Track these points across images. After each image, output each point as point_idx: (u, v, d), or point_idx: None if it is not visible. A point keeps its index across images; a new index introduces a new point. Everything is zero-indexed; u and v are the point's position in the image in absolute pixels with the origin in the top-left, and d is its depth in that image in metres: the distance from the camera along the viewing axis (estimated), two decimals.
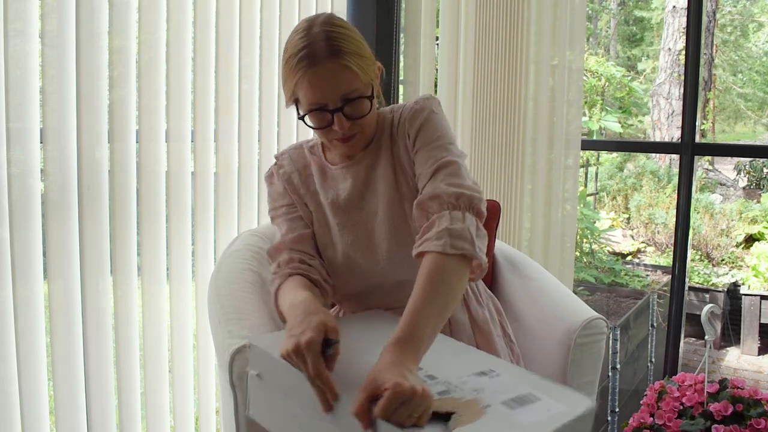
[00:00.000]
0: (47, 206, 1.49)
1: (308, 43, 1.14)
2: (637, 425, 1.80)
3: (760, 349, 4.54)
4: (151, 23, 1.64)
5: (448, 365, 1.03)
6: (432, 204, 1.14)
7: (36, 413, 1.50)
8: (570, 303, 1.43)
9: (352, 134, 1.21)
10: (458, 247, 1.07)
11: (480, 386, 0.96)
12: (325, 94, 1.15)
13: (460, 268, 1.08)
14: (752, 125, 10.79)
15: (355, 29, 1.21)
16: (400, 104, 1.34)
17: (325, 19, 1.17)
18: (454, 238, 1.07)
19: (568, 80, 2.32)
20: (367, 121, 1.22)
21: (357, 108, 1.18)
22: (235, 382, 1.16)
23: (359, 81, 1.16)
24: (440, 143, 1.22)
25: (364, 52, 1.19)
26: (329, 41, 1.13)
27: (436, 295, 1.03)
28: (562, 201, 2.38)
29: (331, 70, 1.13)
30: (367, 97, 1.18)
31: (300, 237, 1.29)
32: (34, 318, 1.48)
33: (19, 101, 1.43)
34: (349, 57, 1.14)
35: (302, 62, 1.13)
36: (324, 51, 1.13)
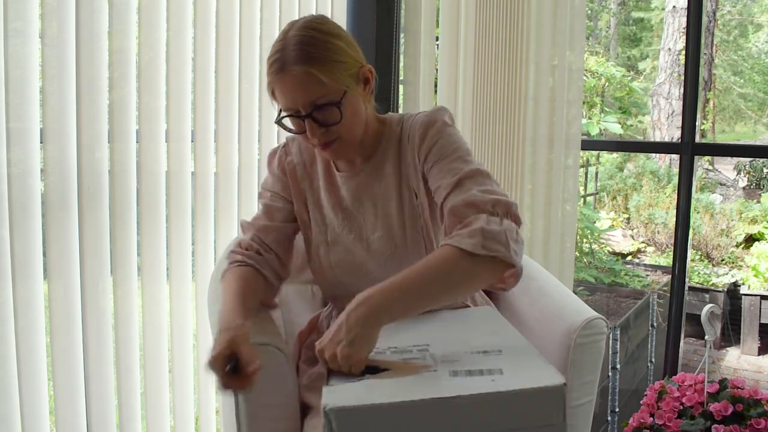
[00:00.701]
0: (47, 206, 1.49)
1: (281, 47, 1.14)
2: (637, 425, 1.80)
3: (760, 349, 4.54)
4: (151, 24, 1.64)
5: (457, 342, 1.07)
6: (467, 210, 1.10)
7: (36, 413, 1.50)
8: (570, 303, 1.43)
9: (329, 140, 1.18)
10: (491, 249, 1.03)
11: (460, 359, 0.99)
12: (294, 101, 1.14)
13: (483, 271, 1.05)
14: (752, 125, 10.80)
15: (337, 32, 1.18)
16: (410, 114, 1.31)
17: (303, 23, 1.16)
18: (487, 239, 1.03)
19: (568, 80, 2.32)
20: (346, 126, 1.18)
21: (327, 115, 1.15)
22: None
23: (327, 88, 1.13)
24: (458, 155, 1.19)
25: (340, 56, 1.15)
26: (299, 47, 1.12)
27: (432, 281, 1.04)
28: (562, 201, 2.38)
29: (296, 76, 1.12)
30: (336, 104, 1.14)
31: (268, 228, 1.31)
32: (34, 318, 1.48)
33: (19, 101, 1.43)
34: (316, 63, 1.12)
35: (273, 67, 1.14)
36: (292, 57, 1.12)
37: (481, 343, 1.07)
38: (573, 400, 1.36)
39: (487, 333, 1.14)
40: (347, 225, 1.28)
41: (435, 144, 1.21)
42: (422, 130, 1.23)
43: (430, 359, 0.99)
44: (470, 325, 1.21)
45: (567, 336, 1.35)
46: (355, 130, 1.21)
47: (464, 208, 1.10)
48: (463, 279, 1.05)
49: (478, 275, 1.06)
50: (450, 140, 1.22)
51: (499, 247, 1.03)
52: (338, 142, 1.19)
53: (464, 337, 1.11)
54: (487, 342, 1.08)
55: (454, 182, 1.15)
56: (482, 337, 1.11)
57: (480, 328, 1.17)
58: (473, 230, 1.04)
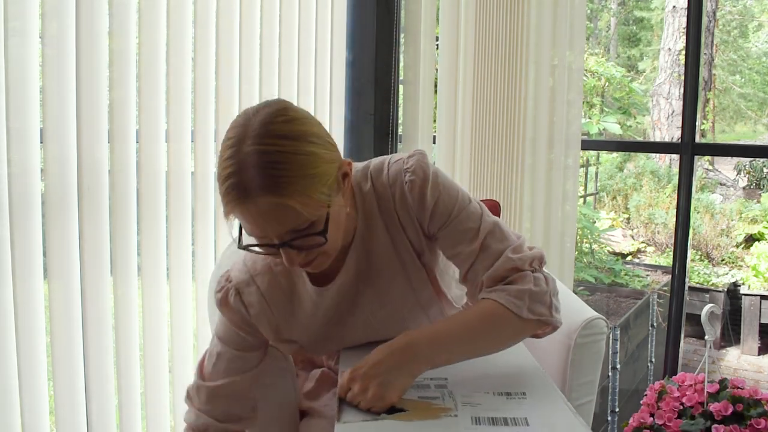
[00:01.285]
0: (47, 206, 1.49)
1: (237, 169, 0.89)
2: (637, 425, 1.80)
3: (760, 349, 4.54)
4: (151, 24, 1.64)
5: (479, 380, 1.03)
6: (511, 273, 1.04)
7: (36, 413, 1.50)
8: (570, 303, 1.43)
9: (311, 259, 1.00)
10: (536, 312, 1.02)
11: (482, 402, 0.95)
12: (264, 231, 0.93)
13: (527, 331, 1.04)
14: (752, 125, 10.79)
15: (305, 130, 0.94)
16: (375, 166, 1.11)
17: (260, 129, 0.90)
18: (534, 302, 1.01)
19: (568, 80, 2.32)
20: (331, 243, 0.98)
21: (308, 241, 0.95)
22: None
23: (305, 216, 0.92)
24: (465, 212, 1.07)
25: (316, 168, 0.92)
26: (262, 170, 0.88)
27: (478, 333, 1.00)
28: (562, 201, 2.38)
29: (266, 210, 0.90)
30: (320, 231, 0.94)
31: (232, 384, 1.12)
32: (34, 318, 1.48)
33: (19, 101, 1.43)
34: (288, 191, 0.89)
35: (231, 193, 0.90)
36: (257, 185, 0.88)
37: (502, 379, 1.04)
38: (573, 400, 1.36)
39: (509, 365, 1.10)
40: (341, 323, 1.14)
41: (436, 205, 1.06)
42: (410, 186, 1.06)
43: (449, 399, 0.95)
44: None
45: (567, 336, 1.35)
46: (339, 241, 1.03)
47: (507, 273, 1.04)
48: (507, 336, 1.03)
49: (522, 334, 1.05)
50: (449, 196, 1.07)
51: (544, 311, 1.02)
52: (320, 257, 1.00)
53: (485, 371, 1.06)
54: (510, 379, 1.04)
55: (478, 248, 1.05)
56: (504, 371, 1.07)
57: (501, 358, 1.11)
58: (521, 291, 1.01)
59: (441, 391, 0.98)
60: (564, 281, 2.37)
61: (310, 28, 2.09)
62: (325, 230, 0.95)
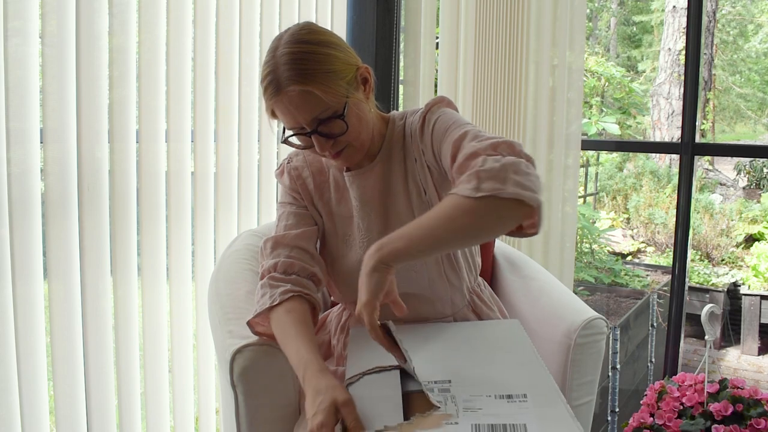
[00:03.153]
0: (47, 206, 1.49)
1: (272, 68, 1.11)
2: (637, 425, 1.80)
3: (760, 349, 4.54)
4: (151, 23, 1.64)
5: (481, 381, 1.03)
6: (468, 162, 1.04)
7: (36, 413, 1.50)
8: (570, 303, 1.43)
9: (339, 150, 1.17)
10: (485, 189, 0.97)
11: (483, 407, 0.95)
12: (296, 119, 1.12)
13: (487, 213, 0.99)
14: (752, 125, 10.79)
15: (327, 39, 1.15)
16: (413, 110, 1.30)
17: (290, 38, 1.12)
18: (482, 180, 0.98)
19: (568, 80, 2.32)
20: (353, 134, 1.16)
21: (332, 127, 1.13)
22: (236, 381, 1.16)
23: (327, 102, 1.11)
24: (458, 127, 1.14)
25: (334, 65, 1.12)
26: (291, 65, 1.09)
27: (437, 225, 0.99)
28: (562, 201, 2.38)
29: (294, 97, 1.10)
30: (340, 116, 1.12)
31: (307, 234, 1.26)
32: (34, 318, 1.48)
33: (19, 101, 1.43)
34: (311, 80, 1.09)
35: (268, 90, 1.12)
36: (286, 77, 1.09)
37: (505, 380, 1.04)
38: (573, 400, 1.36)
39: (512, 364, 1.10)
40: (358, 228, 1.26)
41: (434, 126, 1.19)
42: (420, 119, 1.22)
43: (451, 404, 0.96)
44: (494, 348, 1.18)
45: (567, 336, 1.35)
46: (363, 135, 1.19)
47: (467, 160, 1.04)
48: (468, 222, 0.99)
49: (483, 216, 0.99)
50: (446, 117, 1.18)
51: (495, 185, 0.97)
52: (348, 149, 1.18)
53: (488, 370, 1.08)
54: (512, 379, 1.04)
55: (455, 147, 1.10)
56: (507, 371, 1.08)
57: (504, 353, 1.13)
58: (469, 175, 1.00)
59: (444, 395, 0.99)
60: (564, 281, 2.37)
61: None
62: (344, 116, 1.12)
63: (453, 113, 1.20)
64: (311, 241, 1.26)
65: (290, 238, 1.24)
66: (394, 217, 1.24)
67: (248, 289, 1.38)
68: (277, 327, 1.16)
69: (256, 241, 1.56)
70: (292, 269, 1.21)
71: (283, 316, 1.16)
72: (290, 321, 1.15)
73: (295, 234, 1.25)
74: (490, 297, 1.43)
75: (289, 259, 1.22)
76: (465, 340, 1.21)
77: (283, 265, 1.22)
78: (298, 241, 1.24)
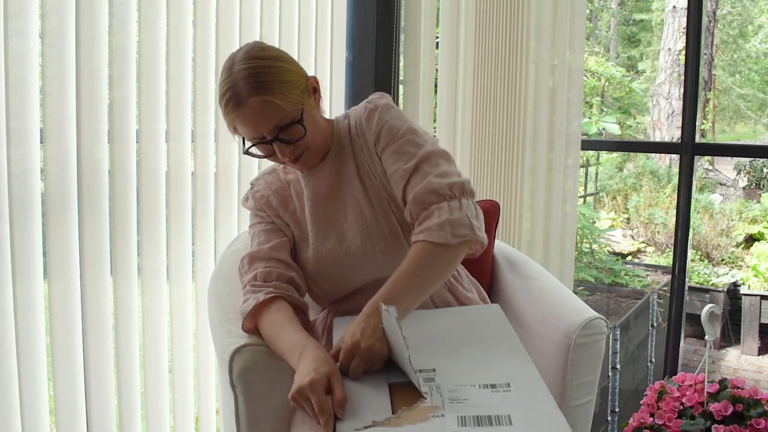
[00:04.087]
0: (47, 206, 1.49)
1: (231, 84, 1.19)
2: (637, 425, 1.80)
3: (760, 349, 4.54)
4: (151, 23, 1.64)
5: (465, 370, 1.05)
6: (430, 197, 1.20)
7: (36, 413, 1.50)
8: (570, 303, 1.43)
9: (299, 154, 1.26)
10: (459, 235, 1.16)
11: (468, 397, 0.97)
12: (258, 129, 1.20)
13: (457, 255, 1.19)
14: (752, 125, 10.78)
15: (278, 54, 1.24)
16: (354, 108, 1.38)
17: (244, 55, 1.21)
18: (454, 227, 1.16)
19: (568, 80, 2.32)
20: (310, 138, 1.25)
21: (292, 133, 1.22)
22: (235, 381, 1.16)
23: (286, 110, 1.20)
24: (409, 137, 1.27)
25: (288, 76, 1.21)
26: (249, 79, 1.18)
27: (419, 277, 1.15)
28: (562, 201, 2.38)
29: (255, 108, 1.18)
30: (298, 121, 1.22)
31: (279, 245, 1.33)
32: (34, 318, 1.48)
33: (19, 101, 1.43)
34: (270, 90, 1.18)
35: (229, 105, 1.19)
36: (245, 91, 1.17)
37: (488, 369, 1.06)
38: (573, 400, 1.36)
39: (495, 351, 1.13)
40: (322, 225, 1.33)
41: (383, 127, 1.29)
42: (367, 114, 1.31)
43: (436, 395, 0.99)
44: (477, 335, 1.20)
45: (567, 336, 1.35)
46: (318, 139, 1.29)
47: (427, 195, 1.20)
48: (443, 267, 1.18)
49: (454, 259, 1.20)
50: (397, 121, 1.29)
51: (466, 231, 1.17)
52: (306, 153, 1.27)
53: (472, 359, 1.10)
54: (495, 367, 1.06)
55: (411, 168, 1.24)
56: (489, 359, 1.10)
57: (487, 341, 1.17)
58: (441, 223, 1.17)
59: (429, 385, 1.01)
60: (564, 281, 2.37)
61: (310, 28, 2.09)
62: (302, 121, 1.22)
63: (405, 118, 1.31)
64: (284, 251, 1.33)
65: (264, 252, 1.31)
66: (351, 203, 1.32)
67: None
68: (268, 325, 1.20)
69: None
70: (270, 277, 1.27)
71: (273, 314, 1.21)
72: (280, 317, 1.20)
73: (268, 247, 1.32)
74: (467, 278, 1.45)
75: (266, 269, 1.28)
76: (447, 328, 1.23)
77: (261, 275, 1.27)
78: (272, 252, 1.31)
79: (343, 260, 1.31)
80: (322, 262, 1.32)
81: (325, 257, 1.31)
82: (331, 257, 1.31)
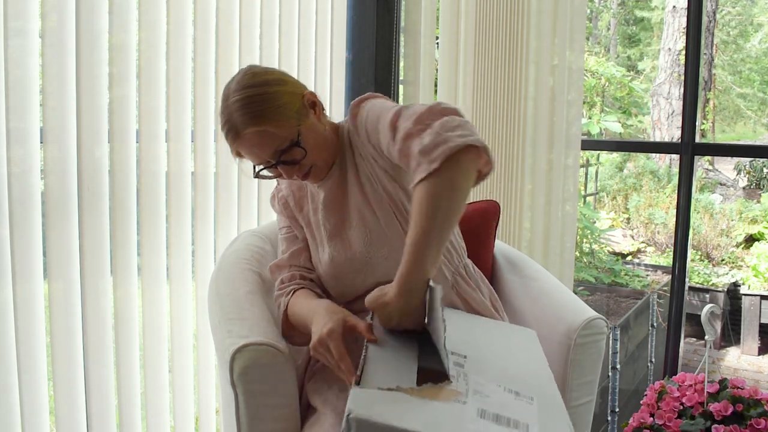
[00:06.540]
0: (47, 206, 1.49)
1: (227, 117, 1.23)
2: (637, 425, 1.80)
3: (760, 349, 4.54)
4: (151, 22, 1.64)
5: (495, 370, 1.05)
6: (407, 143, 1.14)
7: (36, 413, 1.50)
8: (570, 303, 1.43)
9: (306, 171, 1.29)
10: (437, 157, 1.06)
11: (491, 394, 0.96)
12: (260, 156, 1.25)
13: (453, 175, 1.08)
14: (752, 125, 10.78)
15: (270, 77, 1.25)
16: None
17: (237, 84, 1.23)
18: (428, 153, 1.08)
19: (568, 80, 2.32)
20: (314, 155, 1.27)
21: (293, 155, 1.25)
22: (236, 381, 1.16)
23: (282, 135, 1.22)
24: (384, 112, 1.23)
25: (281, 100, 1.22)
26: (242, 110, 1.20)
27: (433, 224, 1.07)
28: (562, 201, 2.38)
29: (252, 137, 1.21)
30: (296, 143, 1.24)
31: (297, 252, 1.39)
32: (34, 318, 1.48)
33: (19, 101, 1.43)
34: (264, 119, 1.20)
35: (229, 136, 1.24)
36: (241, 122, 1.20)
37: (516, 376, 1.06)
38: (573, 400, 1.36)
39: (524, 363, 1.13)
40: (331, 231, 1.35)
41: (366, 121, 1.29)
42: (351, 119, 1.33)
43: (462, 382, 0.98)
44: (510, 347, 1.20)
45: (567, 336, 1.35)
46: (323, 153, 1.30)
47: (405, 143, 1.14)
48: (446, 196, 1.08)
49: (451, 180, 1.08)
50: (374, 109, 1.27)
51: (441, 149, 1.07)
52: (313, 168, 1.29)
53: (502, 361, 1.10)
54: (522, 378, 1.06)
55: (390, 131, 1.19)
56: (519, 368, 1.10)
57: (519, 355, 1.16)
58: (417, 159, 1.09)
59: (457, 369, 1.01)
60: (564, 281, 2.37)
61: (310, 29, 2.09)
62: (300, 143, 1.24)
63: (378, 102, 1.29)
64: (302, 257, 1.39)
65: (285, 260, 1.39)
66: (354, 213, 1.32)
67: (248, 289, 1.38)
68: (292, 309, 1.29)
69: (256, 241, 1.57)
70: (293, 278, 1.36)
71: (295, 300, 1.30)
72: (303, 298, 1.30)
73: (287, 256, 1.39)
74: (480, 280, 1.43)
75: (288, 273, 1.37)
76: (484, 331, 1.23)
77: (286, 278, 1.36)
78: (291, 260, 1.39)
79: (348, 266, 1.32)
80: (330, 267, 1.34)
81: (332, 263, 1.34)
82: (338, 263, 1.33)
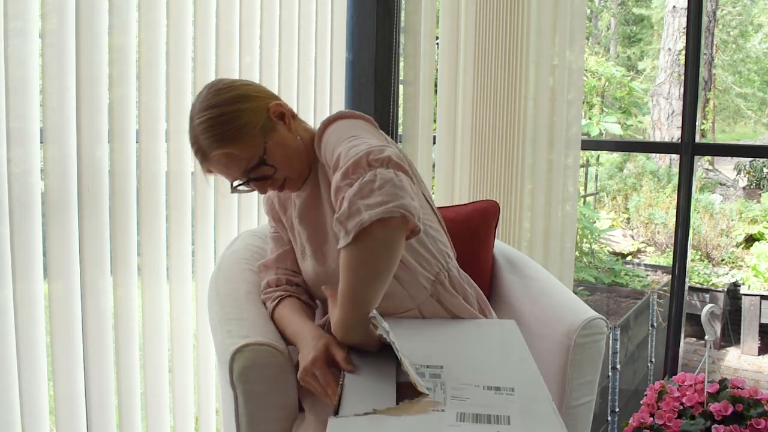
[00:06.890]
0: (47, 206, 1.49)
1: (194, 139, 1.23)
2: (637, 425, 1.80)
3: (760, 349, 4.54)
4: (151, 22, 1.64)
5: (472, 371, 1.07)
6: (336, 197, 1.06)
7: (36, 413, 1.50)
8: (570, 303, 1.43)
9: (280, 184, 1.27)
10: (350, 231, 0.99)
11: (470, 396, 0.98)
12: (230, 175, 1.25)
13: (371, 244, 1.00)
14: (752, 125, 10.79)
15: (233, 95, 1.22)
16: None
17: (200, 105, 1.23)
18: (342, 224, 1.00)
19: (568, 80, 2.32)
20: (284, 168, 1.25)
21: (262, 172, 1.24)
22: (236, 381, 1.16)
23: (248, 155, 1.21)
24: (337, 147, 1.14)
25: (244, 119, 1.21)
26: (206, 133, 1.20)
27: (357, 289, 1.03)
28: (562, 201, 2.38)
29: (219, 159, 1.21)
30: (263, 161, 1.22)
31: (283, 254, 1.39)
32: (34, 317, 1.48)
33: (19, 101, 1.43)
34: (227, 141, 1.20)
35: (198, 157, 1.24)
36: (206, 145, 1.21)
37: (495, 373, 1.07)
38: (573, 400, 1.36)
39: (503, 355, 1.15)
40: (307, 243, 1.35)
41: (326, 146, 1.20)
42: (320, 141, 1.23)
43: (440, 391, 1.00)
44: (488, 343, 1.21)
45: (567, 336, 1.35)
46: (295, 165, 1.28)
47: (335, 195, 1.05)
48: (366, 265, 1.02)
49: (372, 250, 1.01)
50: (332, 137, 1.18)
51: (353, 223, 0.98)
52: (287, 181, 1.28)
53: (480, 363, 1.11)
54: (502, 373, 1.07)
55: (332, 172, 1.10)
56: (498, 365, 1.11)
57: (498, 349, 1.18)
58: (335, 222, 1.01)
59: (434, 381, 1.03)
60: (564, 281, 2.37)
61: (310, 29, 2.09)
62: (266, 160, 1.22)
63: (341, 127, 1.20)
64: (288, 260, 1.39)
65: (272, 261, 1.39)
66: (320, 228, 1.31)
67: (248, 289, 1.38)
68: (277, 321, 1.29)
69: (256, 241, 1.57)
70: (279, 283, 1.36)
71: (281, 310, 1.29)
72: (289, 312, 1.28)
73: (274, 257, 1.39)
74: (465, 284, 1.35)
75: (275, 276, 1.37)
76: (461, 335, 1.23)
77: (272, 282, 1.36)
78: (278, 262, 1.39)
79: (324, 280, 1.29)
80: (308, 277, 1.35)
81: (311, 273, 1.33)
82: (316, 274, 1.32)
